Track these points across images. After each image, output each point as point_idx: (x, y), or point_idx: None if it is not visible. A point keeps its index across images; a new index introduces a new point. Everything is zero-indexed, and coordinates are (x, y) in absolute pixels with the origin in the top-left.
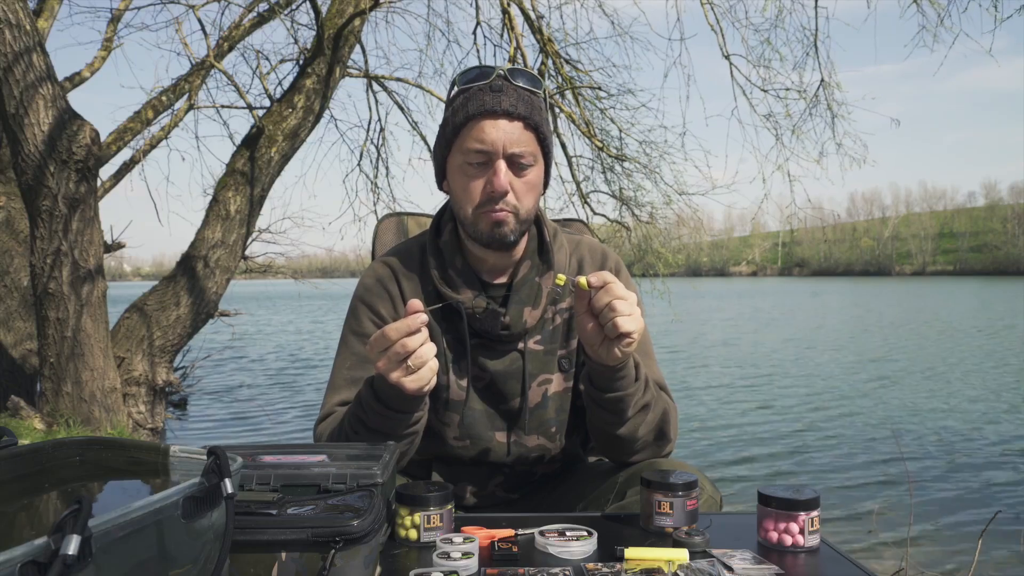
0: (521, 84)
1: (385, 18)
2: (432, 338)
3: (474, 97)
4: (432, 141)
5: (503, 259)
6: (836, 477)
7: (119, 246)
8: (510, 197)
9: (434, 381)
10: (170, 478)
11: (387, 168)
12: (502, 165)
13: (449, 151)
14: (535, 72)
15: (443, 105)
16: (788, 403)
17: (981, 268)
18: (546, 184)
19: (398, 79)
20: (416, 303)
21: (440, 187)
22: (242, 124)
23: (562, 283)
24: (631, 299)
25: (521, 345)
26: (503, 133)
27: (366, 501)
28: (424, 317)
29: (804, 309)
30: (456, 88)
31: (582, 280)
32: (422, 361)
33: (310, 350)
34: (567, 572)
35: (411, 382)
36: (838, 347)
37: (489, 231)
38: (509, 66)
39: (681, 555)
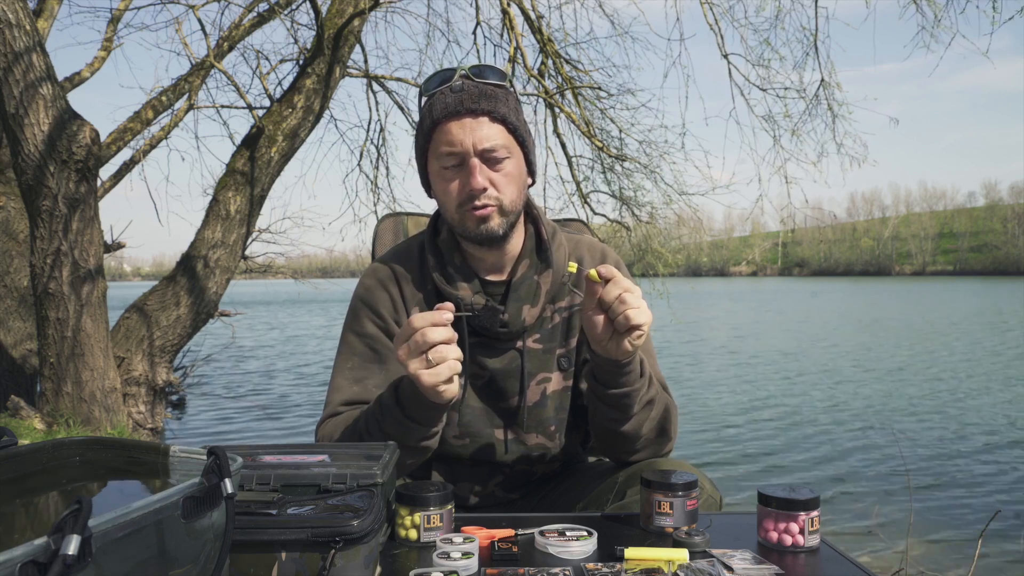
0: (482, 79)
1: (385, 18)
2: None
3: (437, 101)
4: None
5: (500, 257)
6: (836, 477)
7: (119, 246)
8: (491, 191)
9: (454, 388)
10: (170, 478)
11: (387, 168)
12: (476, 163)
13: (426, 158)
14: (514, 68)
15: None
16: (788, 403)
17: (981, 268)
18: (532, 172)
19: (398, 79)
20: (448, 304)
21: (428, 194)
22: (242, 124)
23: (574, 270)
24: (638, 292)
25: (520, 343)
26: (470, 132)
27: (366, 501)
28: (451, 316)
29: (803, 309)
30: (424, 97)
31: (592, 272)
32: (442, 357)
33: (311, 350)
34: (567, 572)
35: (427, 375)
36: (838, 347)
37: (475, 228)
38: (470, 64)
39: (681, 555)
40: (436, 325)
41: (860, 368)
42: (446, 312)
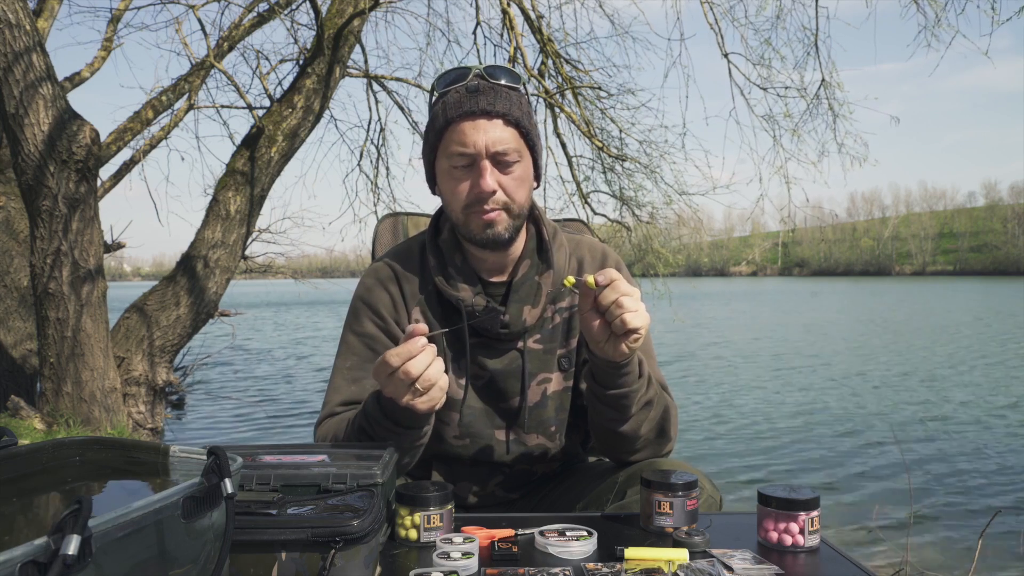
0: (498, 81)
1: (385, 18)
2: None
3: (452, 100)
4: None
5: (502, 258)
6: (836, 477)
7: (119, 246)
8: (499, 195)
9: (444, 398)
10: (170, 478)
11: (387, 168)
12: (486, 165)
13: (435, 156)
14: (514, 68)
15: None
16: (789, 403)
17: (981, 268)
18: (538, 176)
19: (398, 79)
20: (418, 327)
21: (433, 192)
22: (242, 124)
23: (570, 285)
24: (636, 295)
25: (520, 344)
26: (483, 133)
27: (366, 501)
28: (423, 340)
29: (804, 309)
30: (435, 93)
31: (589, 279)
32: (430, 383)
33: (313, 351)
34: (567, 572)
35: (422, 403)
36: (839, 347)
37: (481, 232)
38: (485, 64)
39: (681, 555)
40: (413, 357)
41: (860, 368)
42: (419, 339)
